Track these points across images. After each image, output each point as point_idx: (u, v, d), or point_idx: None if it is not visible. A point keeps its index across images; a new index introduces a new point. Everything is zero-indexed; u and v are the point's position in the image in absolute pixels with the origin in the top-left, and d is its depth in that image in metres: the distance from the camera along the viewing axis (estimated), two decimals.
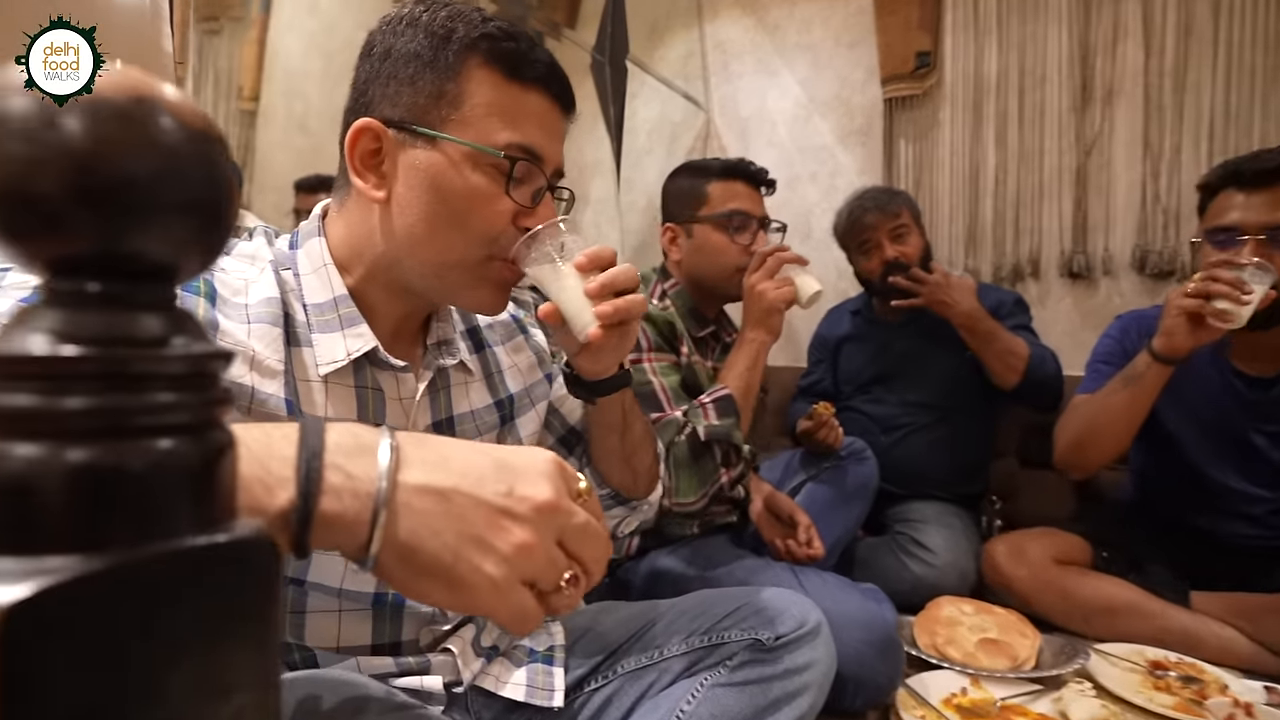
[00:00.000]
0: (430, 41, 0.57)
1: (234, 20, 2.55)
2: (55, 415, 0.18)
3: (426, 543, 0.32)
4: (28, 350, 0.18)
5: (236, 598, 0.21)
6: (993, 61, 1.80)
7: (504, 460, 0.35)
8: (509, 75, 0.58)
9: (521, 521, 0.33)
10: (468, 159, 0.57)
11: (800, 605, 0.74)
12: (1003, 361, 1.43)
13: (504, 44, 0.57)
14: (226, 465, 0.22)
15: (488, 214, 0.58)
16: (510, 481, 0.34)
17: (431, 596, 0.33)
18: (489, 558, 0.32)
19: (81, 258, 0.19)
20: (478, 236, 0.58)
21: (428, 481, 0.33)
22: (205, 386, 0.21)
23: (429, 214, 0.57)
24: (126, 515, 0.19)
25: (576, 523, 0.35)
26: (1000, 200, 1.82)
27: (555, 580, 0.34)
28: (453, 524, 0.32)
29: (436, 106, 0.57)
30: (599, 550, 0.36)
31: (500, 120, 0.57)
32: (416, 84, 0.57)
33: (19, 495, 0.18)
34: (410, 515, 0.32)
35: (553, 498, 0.34)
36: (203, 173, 0.21)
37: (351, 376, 0.58)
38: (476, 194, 0.57)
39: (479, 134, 0.57)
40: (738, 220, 1.20)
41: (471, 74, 0.57)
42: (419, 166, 0.57)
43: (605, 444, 0.73)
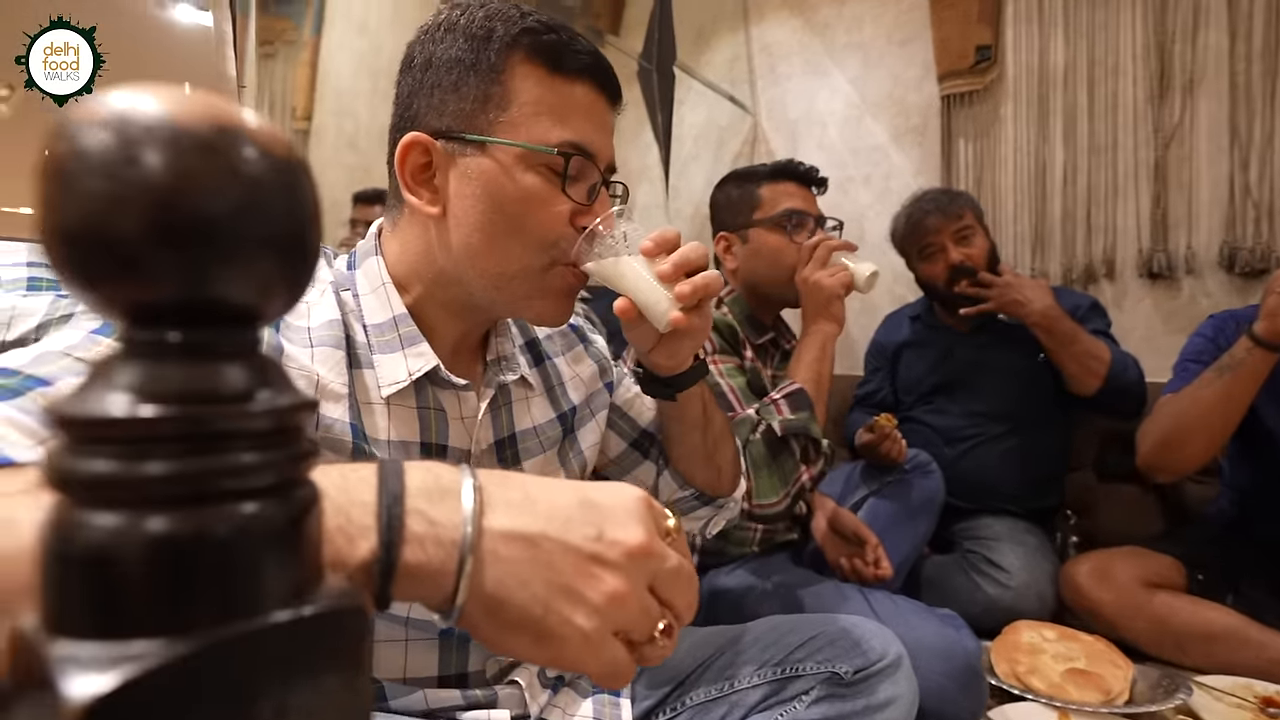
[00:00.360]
0: (470, 44, 0.55)
1: (288, 44, 2.65)
2: (135, 482, 0.16)
3: (514, 594, 0.30)
4: (107, 412, 0.16)
5: (324, 670, 0.19)
6: (1059, 53, 1.72)
7: (591, 499, 0.33)
8: (553, 69, 0.55)
9: (613, 568, 0.31)
10: (520, 161, 0.54)
11: (880, 636, 0.69)
12: (1082, 365, 1.34)
13: (545, 37, 0.55)
14: (312, 522, 0.20)
15: (545, 216, 0.56)
16: (599, 524, 0.32)
17: (520, 651, 0.31)
18: (580, 609, 0.30)
19: (162, 304, 0.17)
20: (537, 241, 0.56)
21: (514, 527, 0.30)
22: (291, 441, 0.19)
23: (486, 223, 0.55)
24: (210, 589, 0.17)
25: (669, 567, 0.32)
26: (1070, 198, 1.72)
27: (649, 630, 0.32)
28: (541, 572, 0.30)
29: (484, 111, 0.54)
30: (691, 595, 0.34)
31: (550, 118, 0.55)
32: (461, 90, 0.55)
33: (98, 569, 0.16)
34: (497, 564, 0.30)
35: (645, 540, 0.32)
36: (287, 204, 0.19)
37: (413, 397, 0.57)
38: (532, 197, 0.55)
39: (529, 134, 0.54)
40: (794, 219, 1.17)
41: (515, 72, 0.55)
42: (472, 175, 0.55)
43: (687, 442, 0.71)
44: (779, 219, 1.17)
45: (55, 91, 0.68)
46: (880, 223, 2.07)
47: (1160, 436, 1.17)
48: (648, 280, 0.57)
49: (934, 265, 1.50)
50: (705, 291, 0.57)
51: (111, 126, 0.16)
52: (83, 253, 0.16)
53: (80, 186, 0.16)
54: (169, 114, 0.16)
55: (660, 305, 0.57)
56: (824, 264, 1.09)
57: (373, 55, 2.46)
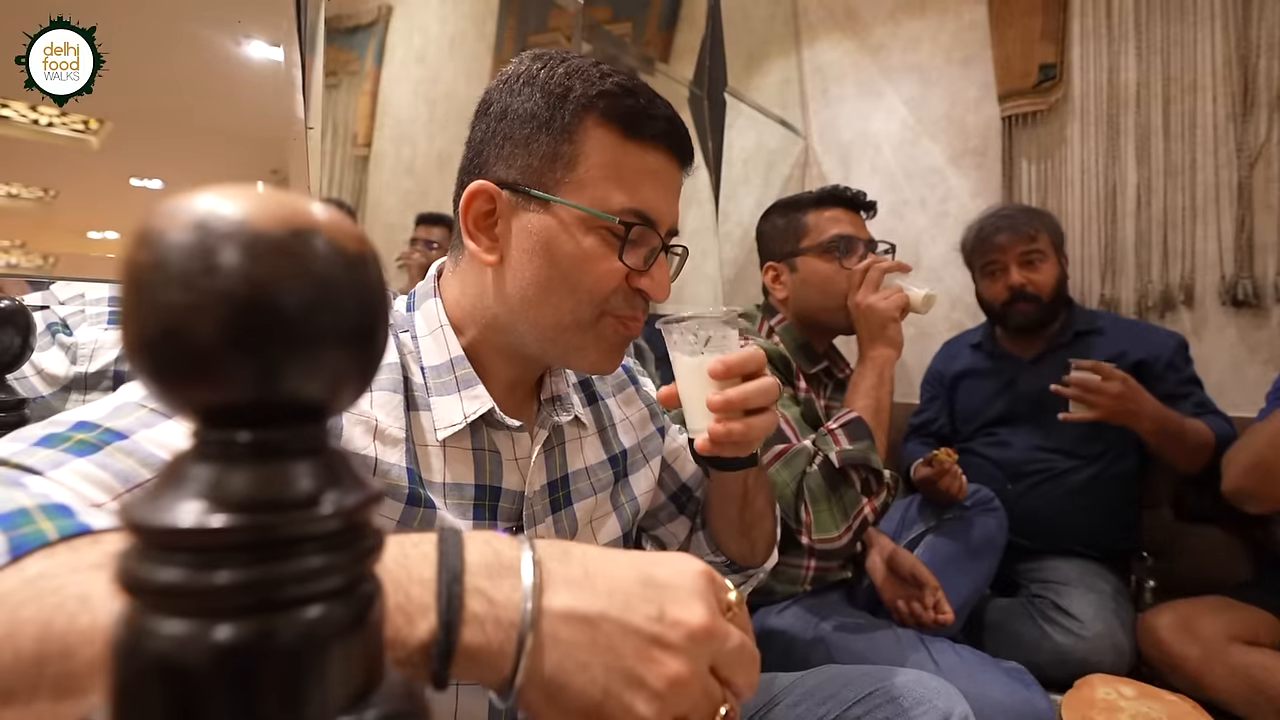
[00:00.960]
0: (547, 101, 0.55)
1: (351, 75, 2.76)
2: (204, 591, 0.16)
3: (574, 678, 0.29)
4: (176, 523, 0.16)
5: None
6: (1130, 70, 1.64)
7: (652, 575, 0.31)
8: (628, 134, 0.55)
9: (675, 651, 0.29)
10: (581, 223, 0.54)
11: (945, 694, 0.66)
12: (1190, 455, 1.27)
13: (624, 101, 0.55)
14: (375, 617, 0.20)
15: (600, 274, 0.55)
16: (660, 603, 0.30)
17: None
18: (640, 694, 0.29)
19: (235, 405, 0.17)
20: (589, 297, 0.56)
21: (574, 607, 0.29)
22: (358, 540, 0.19)
23: (542, 277, 0.55)
24: (275, 696, 0.17)
25: (732, 646, 0.31)
26: (1144, 221, 1.64)
27: (711, 714, 0.30)
28: (601, 656, 0.29)
29: (552, 169, 0.54)
30: (753, 675, 0.32)
31: (616, 183, 0.55)
32: (531, 145, 0.55)
33: (163, 677, 0.16)
34: (556, 647, 0.29)
35: (708, 621, 0.30)
36: (358, 298, 0.19)
37: (469, 439, 0.57)
38: (589, 257, 0.55)
39: (594, 198, 0.54)
40: (843, 244, 1.14)
41: (589, 134, 0.54)
42: (532, 230, 0.55)
43: (724, 514, 0.69)
44: (827, 245, 1.14)
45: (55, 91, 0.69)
46: (936, 247, 2.02)
47: (1252, 459, 1.07)
48: (699, 390, 0.57)
49: (994, 284, 1.44)
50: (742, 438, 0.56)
51: (189, 233, 0.16)
52: (161, 359, 0.16)
53: (160, 298, 0.16)
54: (246, 218, 0.16)
55: (694, 420, 0.57)
56: (876, 287, 1.07)
57: (430, 84, 2.54)
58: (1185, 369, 1.36)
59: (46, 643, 0.22)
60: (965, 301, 1.92)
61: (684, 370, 0.57)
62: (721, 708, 0.31)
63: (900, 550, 1.14)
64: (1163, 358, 1.35)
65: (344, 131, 2.68)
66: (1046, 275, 1.40)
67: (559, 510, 0.61)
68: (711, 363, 0.56)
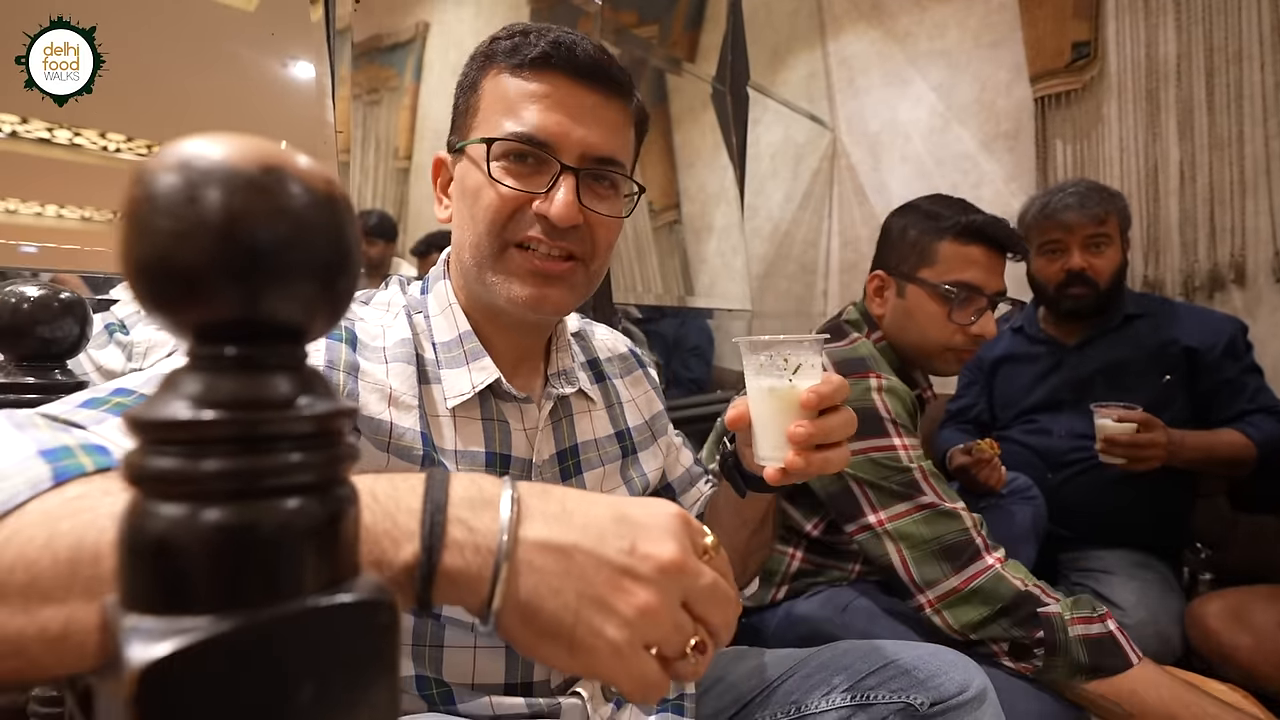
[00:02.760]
0: (468, 67, 0.62)
1: (391, 90, 2.88)
2: (195, 477, 0.19)
3: (547, 603, 0.31)
4: (173, 416, 0.19)
5: (356, 656, 0.21)
6: (1170, 43, 1.59)
7: (626, 514, 0.33)
8: (514, 69, 0.58)
9: (644, 582, 0.31)
10: (479, 157, 0.58)
11: (962, 666, 0.65)
12: (1230, 468, 1.26)
13: (508, 42, 0.58)
14: (350, 520, 0.22)
15: (489, 201, 0.57)
16: (633, 538, 0.32)
17: (553, 659, 0.32)
18: (610, 620, 0.31)
19: (221, 323, 0.20)
20: (486, 227, 0.57)
21: (549, 537, 0.32)
22: (330, 444, 0.21)
23: (462, 216, 0.60)
24: (256, 574, 0.19)
25: (703, 584, 0.33)
26: (1188, 198, 1.58)
27: (680, 647, 0.32)
28: (574, 584, 0.31)
29: (465, 121, 0.61)
30: (728, 613, 0.34)
31: (504, 114, 0.57)
32: (458, 108, 0.62)
33: (160, 554, 0.19)
34: (531, 574, 0.31)
35: (678, 556, 0.32)
36: (329, 236, 0.21)
37: (478, 409, 0.60)
38: (482, 185, 0.57)
39: (484, 132, 0.58)
40: (963, 295, 0.97)
41: (486, 82, 0.60)
42: (458, 178, 0.61)
43: (733, 537, 0.69)
44: (946, 289, 0.98)
45: (55, 91, 0.72)
46: None
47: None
48: (779, 419, 0.54)
49: (1051, 264, 1.36)
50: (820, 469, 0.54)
51: (175, 172, 0.19)
52: (154, 281, 0.19)
53: (151, 226, 0.18)
54: (224, 159, 0.19)
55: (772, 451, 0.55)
56: None
57: None
58: (1246, 356, 1.29)
59: (80, 550, 0.25)
60: (1009, 286, 1.87)
61: (765, 396, 0.55)
62: (692, 639, 0.32)
63: None
64: (1218, 345, 1.28)
65: (385, 145, 2.78)
66: (1109, 261, 1.33)
67: (569, 479, 0.64)
68: (805, 395, 0.53)
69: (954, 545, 0.86)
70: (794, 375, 0.54)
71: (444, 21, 1.83)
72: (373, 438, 0.53)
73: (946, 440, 1.49)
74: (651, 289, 1.95)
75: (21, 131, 0.79)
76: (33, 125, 0.75)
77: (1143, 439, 1.17)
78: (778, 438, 0.54)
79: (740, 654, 0.77)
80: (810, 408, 0.53)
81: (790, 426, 0.53)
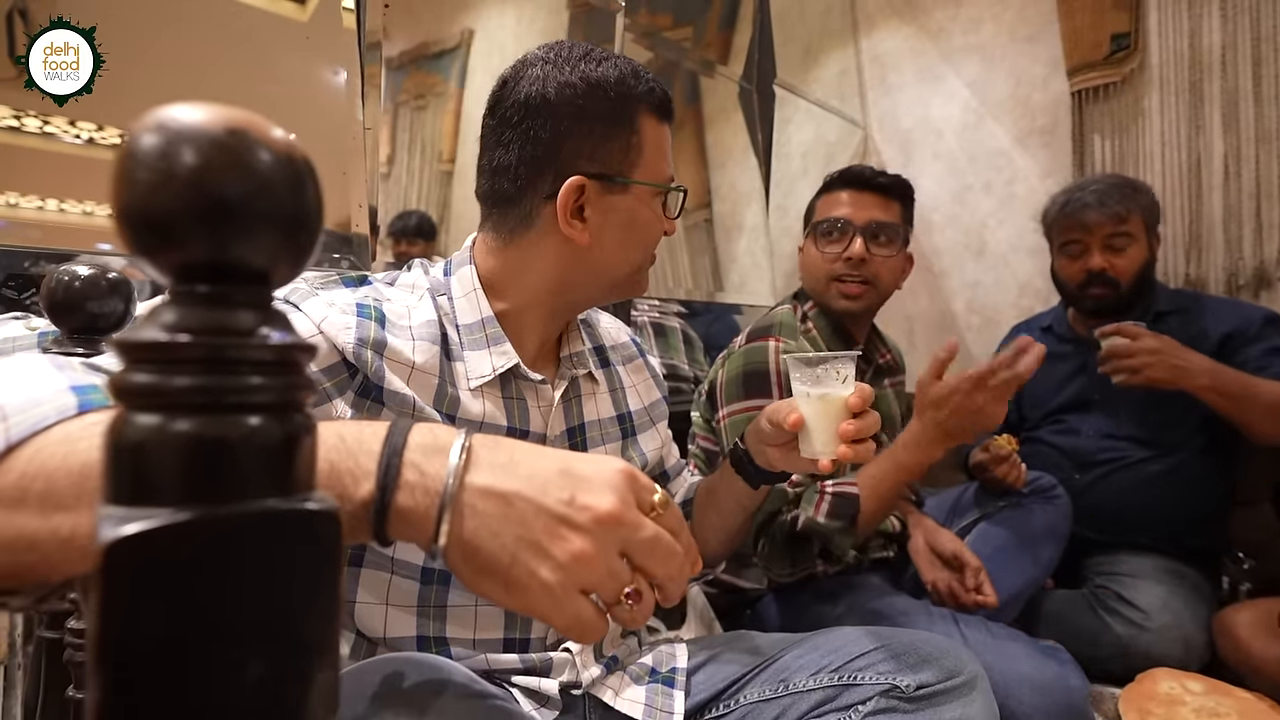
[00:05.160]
0: (613, 105, 0.65)
1: (437, 96, 2.99)
2: (168, 391, 0.22)
3: (487, 543, 0.33)
4: (151, 338, 0.22)
5: (301, 557, 0.24)
6: (1214, 33, 1.53)
7: (570, 467, 0.36)
8: (660, 119, 0.68)
9: (580, 531, 0.34)
10: (652, 195, 0.68)
11: (953, 654, 0.66)
12: (1268, 417, 1.14)
13: (658, 94, 0.68)
14: (305, 445, 0.25)
15: (659, 229, 0.70)
16: (573, 490, 0.35)
17: (492, 595, 0.34)
18: (545, 564, 0.33)
19: (195, 265, 0.23)
20: (650, 248, 0.71)
21: (492, 484, 0.34)
22: (288, 372, 0.24)
23: (624, 242, 0.68)
24: (215, 477, 0.23)
25: (642, 536, 0.35)
26: (1233, 193, 1.52)
27: (615, 593, 0.34)
28: (512, 528, 0.34)
29: (626, 157, 0.66)
30: (671, 566, 0.35)
31: (661, 158, 0.69)
32: (609, 142, 0.66)
33: (135, 456, 0.22)
34: (473, 516, 0.34)
35: (616, 508, 0.34)
36: (290, 191, 0.24)
37: (499, 388, 0.65)
38: (656, 218, 0.69)
39: (656, 174, 0.68)
40: (825, 226, 1.13)
41: (644, 125, 0.67)
42: (619, 209, 0.67)
43: (728, 521, 0.78)
44: (815, 227, 1.15)
45: (55, 91, 0.73)
46: (1002, 231, 1.93)
47: None
48: (832, 420, 0.66)
49: (1072, 264, 1.34)
50: (858, 459, 0.66)
51: (155, 132, 0.22)
52: (136, 227, 0.22)
53: (132, 177, 0.22)
54: (195, 121, 0.22)
55: (827, 445, 0.66)
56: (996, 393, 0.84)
57: None
58: (1272, 339, 1.24)
59: (90, 467, 0.29)
60: (1035, 287, 1.83)
61: (818, 402, 0.66)
62: (627, 587, 0.34)
63: (942, 531, 1.12)
64: (1252, 327, 1.24)
65: (430, 149, 2.88)
66: (1131, 260, 1.29)
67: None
68: (852, 399, 0.65)
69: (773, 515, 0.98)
70: (843, 384, 0.66)
71: (487, 29, 1.89)
72: (398, 410, 0.57)
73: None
74: (683, 284, 1.98)
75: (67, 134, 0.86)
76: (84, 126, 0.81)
77: (1121, 346, 1.17)
78: (828, 435, 0.66)
79: (739, 636, 0.78)
80: (856, 409, 0.65)
81: (841, 425, 0.65)
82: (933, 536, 1.11)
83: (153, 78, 0.88)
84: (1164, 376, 1.16)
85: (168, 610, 0.21)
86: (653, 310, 1.74)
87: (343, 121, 0.98)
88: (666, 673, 0.68)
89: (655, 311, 1.75)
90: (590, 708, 0.63)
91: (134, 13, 0.84)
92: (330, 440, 0.34)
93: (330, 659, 0.24)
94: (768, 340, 1.06)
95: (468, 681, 0.47)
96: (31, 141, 0.84)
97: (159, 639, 0.21)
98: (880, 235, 1.11)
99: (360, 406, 0.56)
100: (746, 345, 1.08)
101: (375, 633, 0.59)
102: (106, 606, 0.20)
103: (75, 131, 0.86)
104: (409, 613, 0.59)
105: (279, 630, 0.23)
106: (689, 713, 0.66)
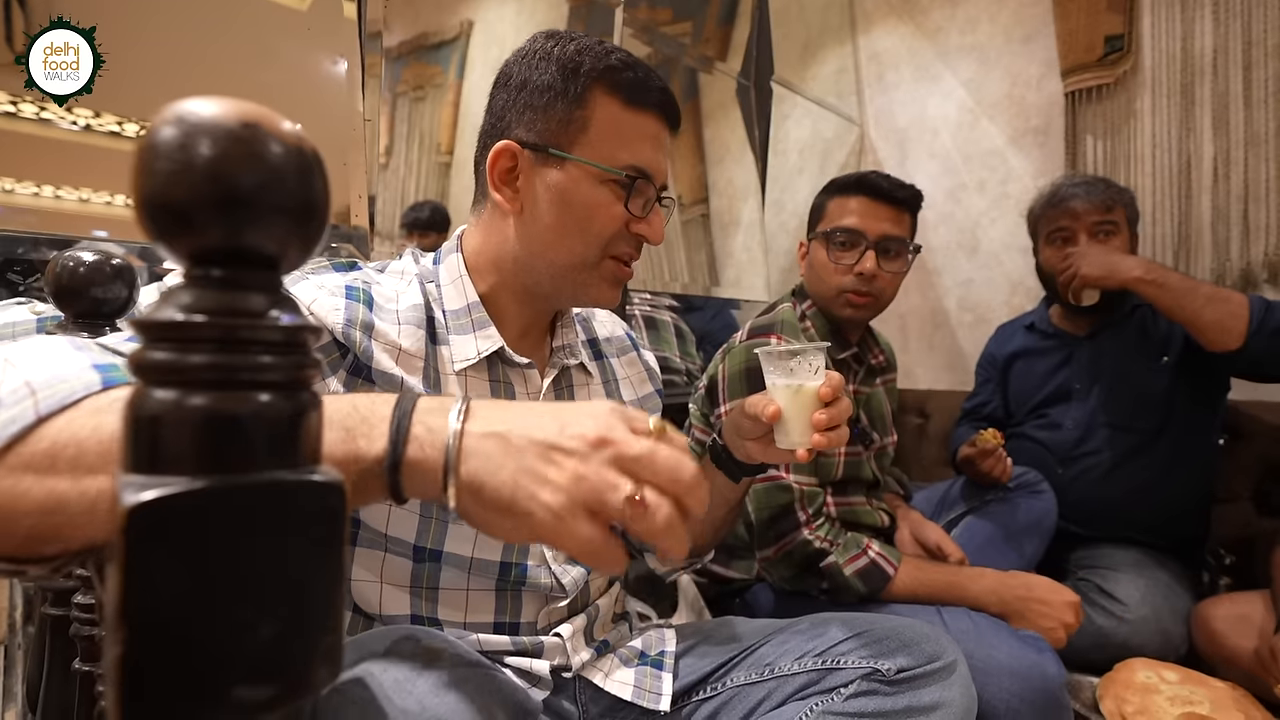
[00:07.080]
0: (562, 74, 0.64)
1: (436, 87, 2.99)
2: (183, 368, 0.24)
3: (490, 478, 0.36)
4: (168, 318, 0.24)
5: (307, 525, 0.25)
6: (1206, 36, 1.55)
7: (561, 410, 0.39)
8: (628, 102, 0.65)
9: (572, 454, 0.36)
10: (592, 176, 0.64)
11: (933, 640, 0.68)
12: (1215, 314, 1.13)
13: (625, 74, 0.64)
14: (312, 421, 0.27)
15: (605, 219, 0.65)
16: (563, 422, 0.37)
17: (504, 530, 0.37)
18: (544, 488, 0.35)
19: (211, 250, 0.25)
20: (596, 240, 0.65)
21: (489, 427, 0.37)
22: (297, 352, 0.26)
23: (557, 223, 0.64)
24: (227, 449, 0.24)
25: (635, 451, 0.36)
26: (1222, 195, 1.54)
27: (615, 502, 0.35)
28: (511, 460, 0.36)
29: (566, 131, 0.64)
30: (676, 473, 0.36)
31: (619, 143, 0.65)
32: (549, 112, 0.64)
33: (153, 428, 0.24)
34: (475, 456, 0.36)
35: (604, 431, 0.37)
36: (300, 182, 0.26)
37: (485, 372, 0.66)
38: (599, 205, 0.65)
39: (602, 155, 0.64)
40: (838, 235, 1.11)
41: (597, 102, 0.64)
42: (550, 183, 0.64)
43: (714, 513, 0.79)
44: (828, 234, 1.12)
45: (55, 91, 0.73)
46: (996, 230, 1.96)
47: None
48: (807, 411, 0.67)
49: (1058, 252, 1.35)
50: (832, 446, 0.68)
51: (173, 125, 0.23)
52: (155, 214, 0.24)
53: (152, 167, 0.23)
54: (211, 115, 0.24)
55: (803, 435, 0.67)
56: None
57: None
58: None
59: (116, 436, 0.31)
60: (1026, 286, 1.86)
61: (793, 394, 0.67)
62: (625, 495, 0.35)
63: (927, 523, 1.14)
64: None
65: (429, 140, 2.88)
66: (1117, 250, 1.32)
67: None
68: (823, 389, 0.67)
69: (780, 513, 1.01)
70: (815, 376, 0.67)
71: (486, 19, 1.89)
72: (386, 390, 0.58)
73: (960, 437, 1.49)
74: (679, 279, 2.00)
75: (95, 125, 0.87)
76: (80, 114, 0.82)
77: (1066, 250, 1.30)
78: (804, 425, 0.67)
79: (727, 622, 0.80)
80: (828, 399, 0.67)
81: (815, 414, 0.66)
82: (918, 528, 1.13)
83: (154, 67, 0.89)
84: (1097, 273, 1.21)
85: (184, 570, 0.22)
86: (644, 304, 1.76)
87: (343, 112, 1.00)
88: (655, 655, 0.70)
89: (647, 305, 1.76)
90: (580, 689, 0.64)
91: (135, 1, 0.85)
92: (345, 409, 0.37)
93: (334, 622, 0.26)
94: (770, 338, 1.07)
95: (464, 652, 0.48)
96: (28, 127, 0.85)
97: (176, 596, 0.22)
98: (891, 250, 1.11)
99: (352, 385, 0.57)
100: (749, 341, 1.09)
101: (371, 608, 0.61)
102: (128, 565, 0.21)
103: (72, 118, 0.87)
104: (403, 591, 0.61)
105: (286, 592, 0.24)
106: (676, 695, 0.68)
